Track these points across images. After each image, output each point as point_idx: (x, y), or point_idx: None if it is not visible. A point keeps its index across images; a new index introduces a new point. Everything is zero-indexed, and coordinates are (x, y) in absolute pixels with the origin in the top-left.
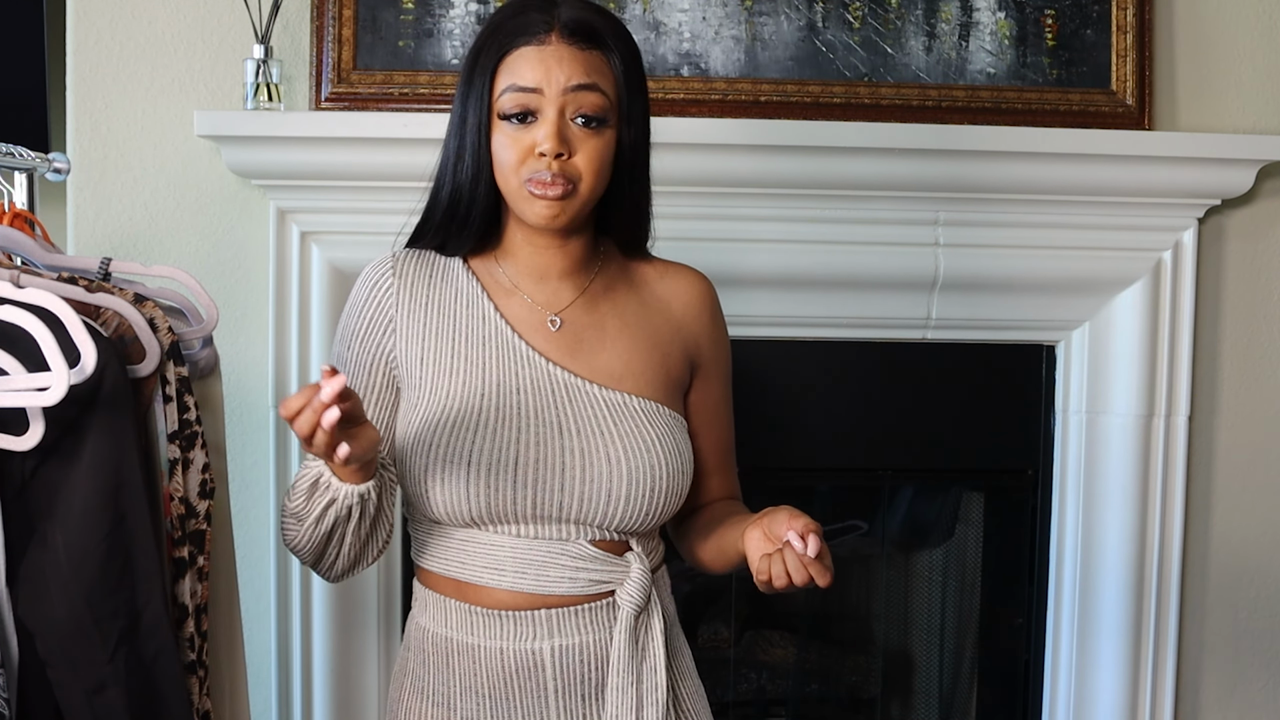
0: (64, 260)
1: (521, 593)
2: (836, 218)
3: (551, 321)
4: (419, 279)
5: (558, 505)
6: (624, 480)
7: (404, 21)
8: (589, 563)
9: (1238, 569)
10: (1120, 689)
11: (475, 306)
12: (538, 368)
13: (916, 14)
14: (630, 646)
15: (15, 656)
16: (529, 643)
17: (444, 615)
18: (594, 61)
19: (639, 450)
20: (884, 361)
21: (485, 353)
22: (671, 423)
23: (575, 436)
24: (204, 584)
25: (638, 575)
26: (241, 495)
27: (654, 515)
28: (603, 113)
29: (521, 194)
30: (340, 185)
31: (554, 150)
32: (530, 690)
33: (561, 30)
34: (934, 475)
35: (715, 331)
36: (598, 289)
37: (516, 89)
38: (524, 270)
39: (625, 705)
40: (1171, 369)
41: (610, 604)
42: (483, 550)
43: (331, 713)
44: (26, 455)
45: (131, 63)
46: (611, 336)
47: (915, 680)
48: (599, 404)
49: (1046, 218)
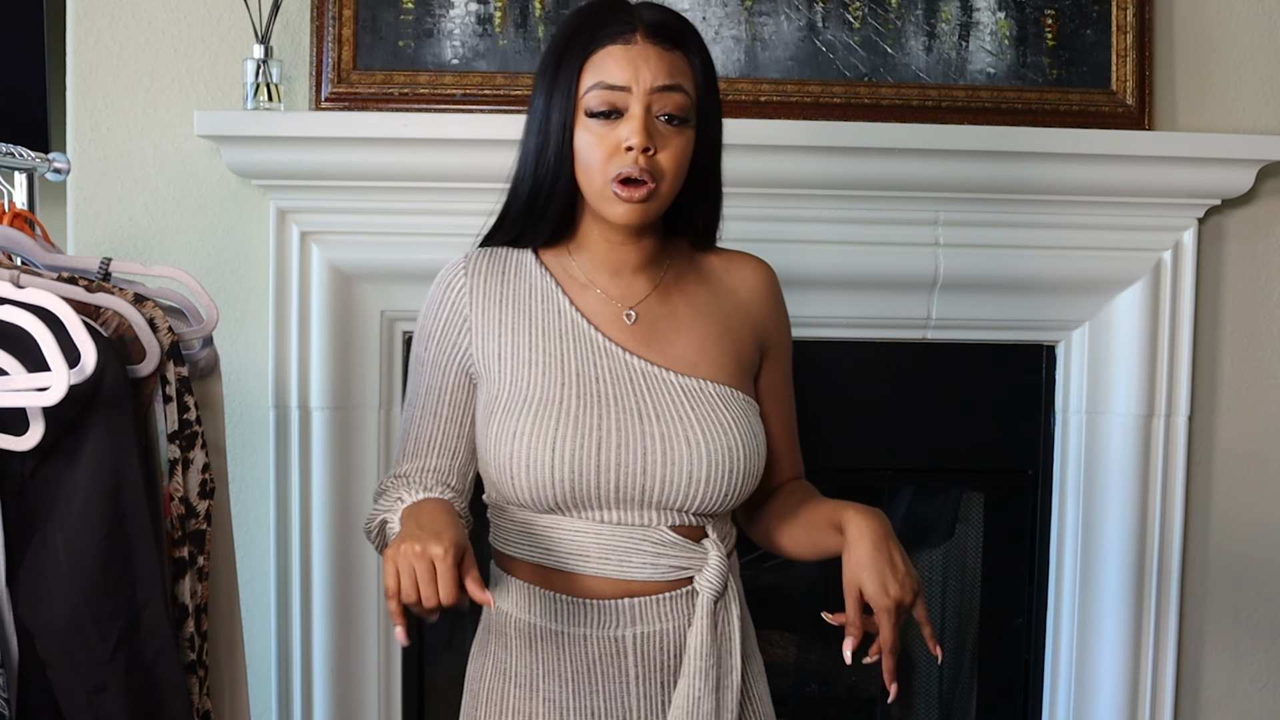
0: (64, 260)
1: (605, 579)
2: (836, 218)
3: (628, 315)
4: (492, 276)
5: (640, 489)
6: (704, 462)
7: (404, 21)
8: (669, 549)
9: (1237, 569)
10: (1120, 689)
11: (550, 301)
12: (615, 358)
13: (916, 14)
14: (710, 632)
15: (15, 656)
16: (612, 630)
17: (528, 601)
18: (677, 62)
19: (717, 433)
20: (884, 361)
21: (562, 345)
22: (746, 406)
23: (655, 422)
24: (204, 584)
25: (715, 561)
26: (241, 495)
27: (732, 496)
28: (686, 112)
29: (605, 194)
30: (340, 185)
31: (642, 145)
32: (612, 675)
33: (645, 31)
34: (934, 475)
35: (779, 315)
36: (670, 281)
37: (604, 87)
38: (599, 264)
39: (705, 689)
40: (1171, 369)
41: (689, 591)
42: (567, 537)
43: (331, 713)
44: (26, 455)
45: (131, 63)
46: (685, 325)
47: (915, 680)
48: (676, 390)
49: (1046, 218)
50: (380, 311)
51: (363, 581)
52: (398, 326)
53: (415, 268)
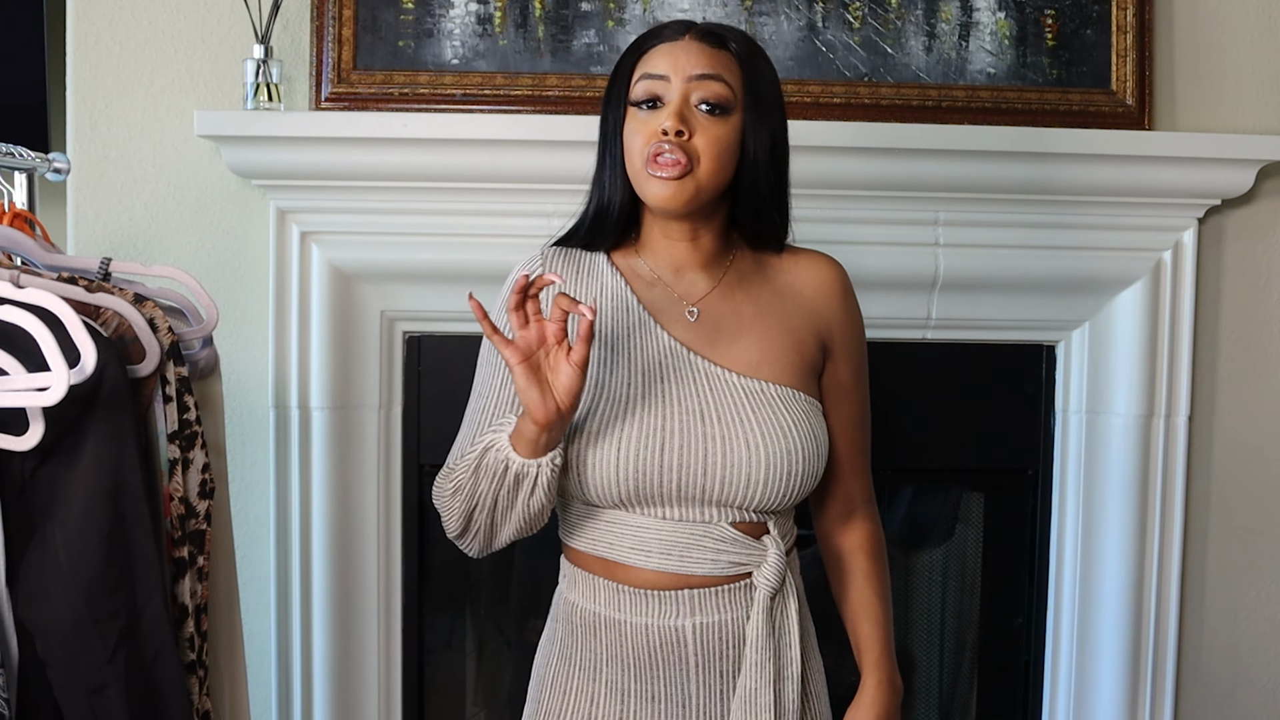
0: (64, 260)
1: (666, 573)
2: (836, 218)
3: (690, 312)
4: (566, 272)
5: (700, 488)
6: (762, 464)
7: (404, 21)
8: (729, 545)
9: (1237, 569)
10: (1120, 689)
11: (619, 299)
12: (680, 357)
13: (916, 14)
14: (767, 626)
15: (15, 656)
16: (672, 619)
17: (592, 592)
18: (721, 57)
19: (776, 435)
20: (884, 361)
21: (630, 343)
22: (807, 407)
23: (716, 423)
24: (204, 584)
25: (774, 559)
26: (241, 495)
27: (790, 496)
28: (725, 101)
29: (643, 174)
30: (340, 185)
31: (674, 127)
32: (672, 663)
33: (695, 34)
34: (934, 475)
35: (845, 314)
36: (732, 280)
37: (647, 77)
38: (662, 263)
39: (763, 681)
40: (1171, 369)
41: (748, 584)
42: (630, 531)
43: (331, 713)
44: (26, 455)
45: (131, 63)
46: (747, 325)
47: (915, 680)
48: (738, 391)
49: (1046, 218)
50: (380, 311)
51: (363, 581)
52: (398, 326)
53: (415, 268)
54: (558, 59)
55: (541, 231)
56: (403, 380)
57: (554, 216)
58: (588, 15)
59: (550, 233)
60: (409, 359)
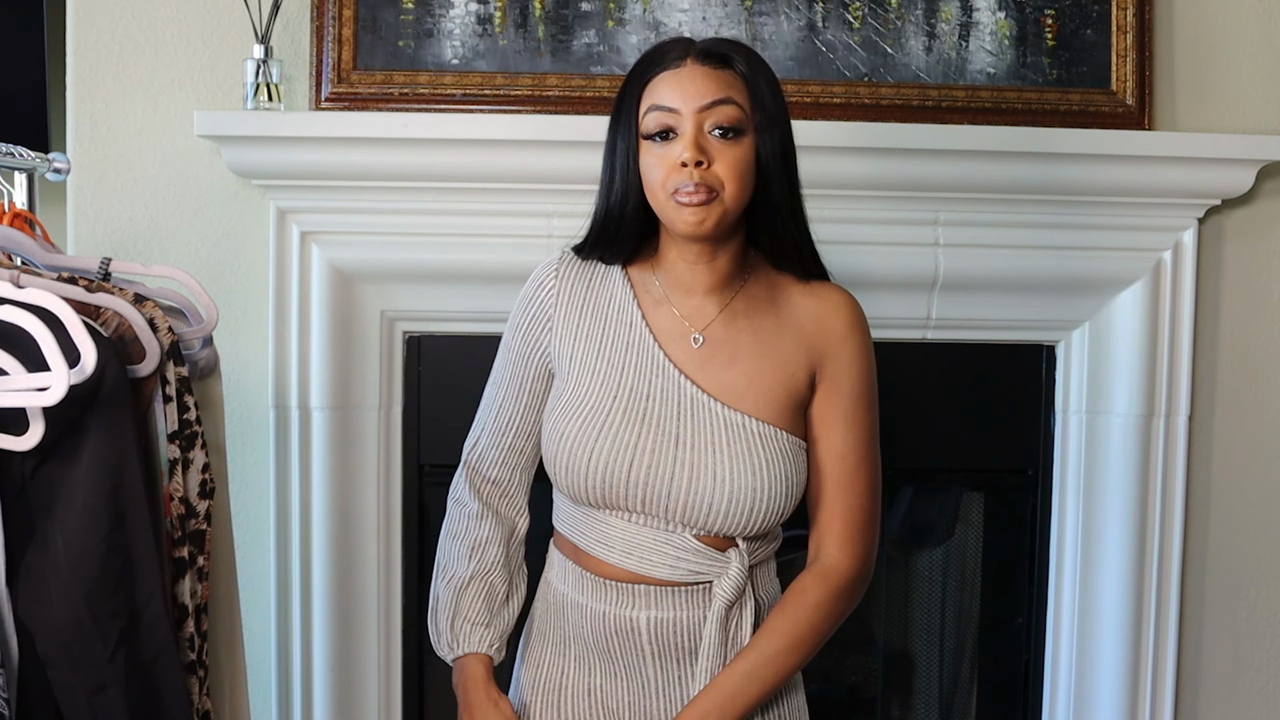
0: (64, 260)
1: (624, 569)
2: (836, 218)
3: (695, 339)
4: (579, 282)
5: (664, 507)
6: (725, 497)
7: (404, 21)
8: (691, 554)
9: (1237, 569)
10: (1120, 689)
11: (625, 314)
12: (669, 378)
13: (916, 14)
14: (720, 635)
15: (15, 656)
16: (628, 610)
17: (563, 575)
18: (725, 78)
19: (745, 472)
20: (884, 361)
21: (625, 358)
22: (787, 447)
23: (689, 449)
24: (204, 584)
25: (735, 573)
26: (241, 495)
27: (754, 527)
28: (737, 123)
29: (670, 205)
30: (340, 185)
31: (693, 159)
32: (629, 649)
33: (696, 56)
34: (934, 475)
35: (845, 349)
36: (739, 306)
37: (657, 109)
38: (673, 283)
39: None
40: (1171, 369)
41: (706, 589)
42: (597, 526)
43: (331, 713)
44: (26, 455)
45: (131, 63)
46: (743, 355)
47: (915, 680)
48: (718, 421)
49: (1046, 218)
50: (380, 311)
51: (363, 581)
52: (398, 326)
53: (415, 268)
54: (558, 59)
55: (541, 231)
56: (403, 380)
57: (554, 216)
58: (588, 15)
59: (550, 233)
60: (409, 359)
